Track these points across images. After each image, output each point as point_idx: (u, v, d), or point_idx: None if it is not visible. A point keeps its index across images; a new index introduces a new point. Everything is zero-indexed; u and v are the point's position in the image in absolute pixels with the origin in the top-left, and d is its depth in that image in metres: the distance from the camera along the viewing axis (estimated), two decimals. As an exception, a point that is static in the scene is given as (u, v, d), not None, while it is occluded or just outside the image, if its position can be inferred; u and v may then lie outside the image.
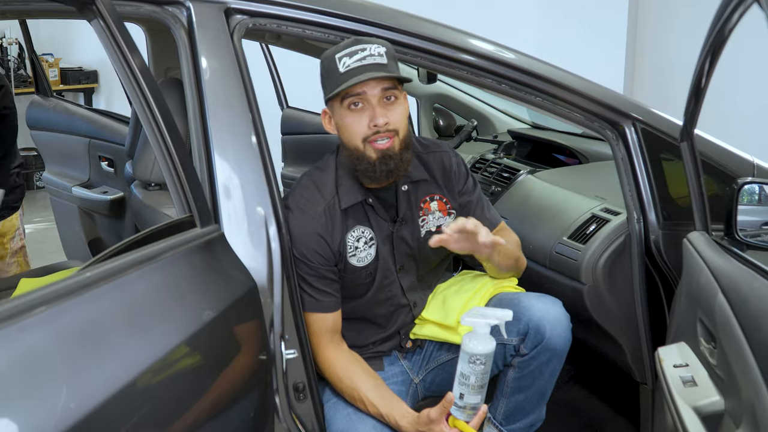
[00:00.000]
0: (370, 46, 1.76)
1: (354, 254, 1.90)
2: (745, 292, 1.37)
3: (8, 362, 1.00)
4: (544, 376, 1.90)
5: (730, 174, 2.03)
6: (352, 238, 1.89)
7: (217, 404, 1.38)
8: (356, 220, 1.90)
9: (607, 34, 4.79)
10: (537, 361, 1.87)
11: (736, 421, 1.34)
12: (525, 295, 1.94)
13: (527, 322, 1.85)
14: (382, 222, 1.92)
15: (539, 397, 1.94)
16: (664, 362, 1.62)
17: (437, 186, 1.98)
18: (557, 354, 1.87)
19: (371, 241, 1.91)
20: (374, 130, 1.78)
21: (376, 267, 1.93)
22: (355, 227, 1.89)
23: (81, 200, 3.46)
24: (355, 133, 1.80)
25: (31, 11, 1.70)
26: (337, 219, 1.87)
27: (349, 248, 1.89)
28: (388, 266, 1.94)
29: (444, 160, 1.99)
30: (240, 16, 1.79)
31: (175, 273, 1.40)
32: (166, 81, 2.25)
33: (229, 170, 1.70)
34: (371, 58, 1.75)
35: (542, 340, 1.84)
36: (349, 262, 1.89)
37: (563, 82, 2.05)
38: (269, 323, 1.66)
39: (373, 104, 1.77)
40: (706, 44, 1.60)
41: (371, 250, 1.91)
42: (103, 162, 3.37)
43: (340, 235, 1.88)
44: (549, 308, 1.87)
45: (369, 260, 1.92)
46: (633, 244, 2.09)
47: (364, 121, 1.78)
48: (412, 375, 2.03)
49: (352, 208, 1.89)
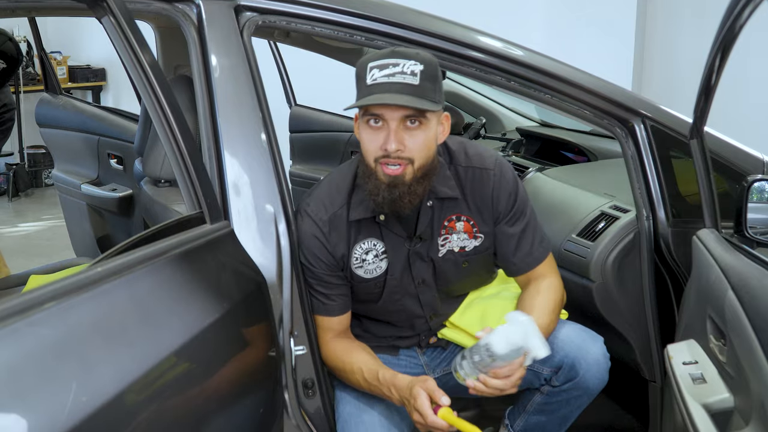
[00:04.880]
0: (404, 63, 1.62)
1: (361, 266, 1.82)
2: (755, 289, 1.36)
3: (19, 357, 1.00)
4: (570, 406, 1.86)
5: (739, 171, 2.02)
6: (360, 249, 1.81)
7: (226, 400, 1.39)
8: (368, 232, 1.80)
9: (615, 30, 4.78)
10: (566, 395, 1.83)
11: (745, 418, 1.34)
12: (566, 327, 1.85)
13: (563, 358, 1.79)
14: (396, 237, 1.81)
15: (561, 421, 1.90)
16: (673, 359, 1.62)
17: (467, 207, 1.83)
18: (589, 392, 1.82)
19: (383, 255, 1.82)
20: (384, 153, 1.66)
21: (384, 280, 1.84)
22: (365, 240, 1.81)
23: (90, 198, 3.47)
24: (368, 150, 1.69)
25: (42, 8, 1.71)
26: (342, 229, 1.78)
27: (355, 260, 1.81)
28: (403, 280, 1.85)
29: (483, 180, 1.82)
30: (250, 14, 1.79)
31: (185, 269, 1.40)
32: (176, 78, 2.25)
33: (238, 167, 1.71)
34: (401, 76, 1.61)
35: (575, 377, 1.79)
36: (355, 272, 1.82)
37: (572, 79, 2.04)
38: (278, 320, 1.67)
39: (391, 127, 1.64)
40: (717, 41, 1.59)
41: (382, 263, 1.82)
42: (112, 159, 3.39)
43: (346, 245, 1.79)
44: (588, 347, 1.79)
45: (378, 273, 1.83)
46: (642, 242, 2.08)
47: (379, 142, 1.66)
48: (428, 371, 1.97)
49: (365, 221, 1.80)
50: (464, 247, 1.85)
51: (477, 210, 1.83)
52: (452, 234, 1.83)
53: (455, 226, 1.83)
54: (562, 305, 1.89)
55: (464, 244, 1.85)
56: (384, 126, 1.65)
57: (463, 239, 1.84)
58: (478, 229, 1.84)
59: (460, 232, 1.83)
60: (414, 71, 1.62)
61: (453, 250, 1.85)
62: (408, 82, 1.62)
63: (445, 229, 1.83)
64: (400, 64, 1.62)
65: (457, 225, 1.83)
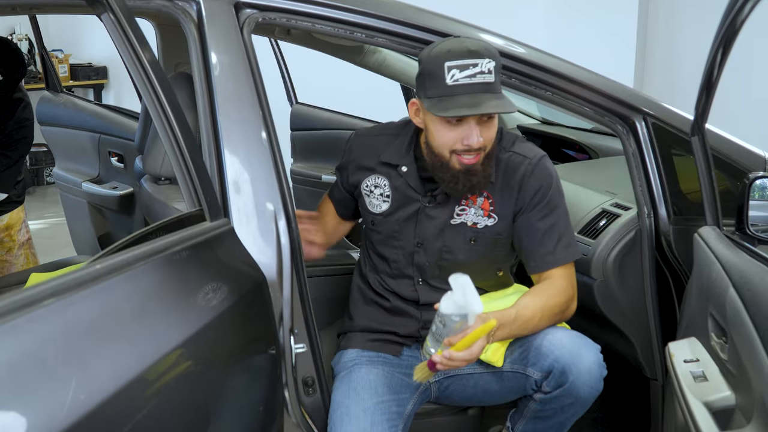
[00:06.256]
0: (481, 62, 1.70)
1: (368, 195, 1.98)
2: (756, 287, 1.36)
3: (18, 353, 1.00)
4: (564, 414, 1.83)
5: (741, 169, 2.02)
6: (372, 181, 1.97)
7: (226, 398, 1.39)
8: (386, 172, 1.95)
9: (617, 27, 4.77)
10: (559, 402, 1.80)
11: (747, 416, 1.33)
12: (561, 332, 1.83)
13: (553, 363, 1.76)
14: (410, 190, 1.92)
15: (559, 427, 1.88)
16: (674, 357, 1.61)
17: (492, 186, 1.88)
18: (581, 400, 1.79)
19: (386, 197, 1.95)
20: (466, 148, 1.76)
21: (381, 222, 1.96)
22: (380, 176, 1.96)
23: (91, 196, 3.47)
24: (444, 143, 1.78)
25: (42, 5, 1.71)
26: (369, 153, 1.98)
27: (365, 186, 1.98)
28: (403, 232, 1.94)
29: (518, 165, 1.88)
30: (250, 11, 1.79)
31: (185, 266, 1.40)
32: (176, 75, 2.25)
33: (238, 165, 1.70)
34: (481, 76, 1.70)
35: (565, 383, 1.76)
36: (363, 196, 1.99)
37: (573, 77, 2.04)
38: (278, 317, 1.67)
39: (471, 125, 1.74)
40: (718, 37, 1.58)
41: (383, 204, 1.96)
42: (113, 157, 3.39)
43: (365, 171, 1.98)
44: (581, 353, 1.76)
45: (378, 210, 1.97)
46: (643, 239, 2.08)
47: (458, 137, 1.75)
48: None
49: (389, 164, 1.95)
50: (477, 224, 1.90)
51: (500, 191, 1.89)
52: (470, 207, 1.90)
53: (476, 200, 1.89)
54: (563, 315, 1.87)
55: (477, 221, 1.90)
56: (462, 123, 1.74)
57: (478, 215, 1.90)
58: (494, 208, 1.89)
59: (478, 207, 1.89)
60: (490, 69, 1.71)
61: (466, 223, 1.90)
62: (488, 81, 1.71)
63: (467, 201, 1.89)
64: (479, 64, 1.70)
65: (478, 200, 1.89)
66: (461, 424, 2.04)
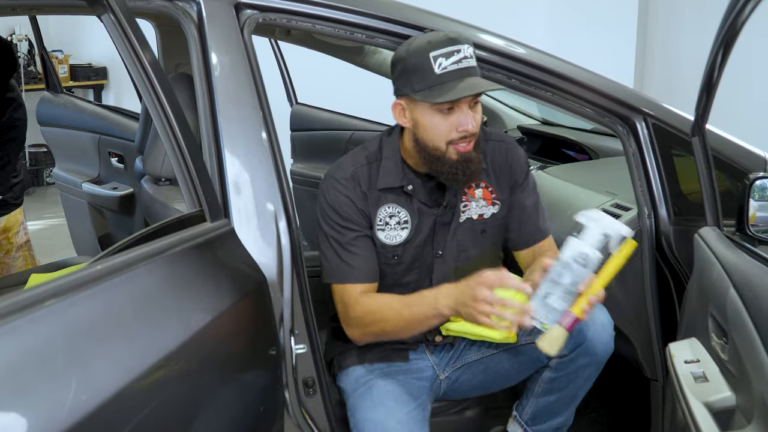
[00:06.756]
0: (462, 47, 1.72)
1: (383, 229, 1.86)
2: (757, 287, 1.36)
3: (19, 354, 1.00)
4: (579, 379, 1.87)
5: (741, 169, 2.02)
6: (385, 212, 1.86)
7: (226, 399, 1.39)
8: (395, 199, 1.87)
9: (617, 28, 4.77)
10: (575, 364, 1.84)
11: (747, 416, 1.33)
12: None
13: None
14: (423, 206, 1.88)
15: (570, 399, 1.91)
16: (675, 358, 1.61)
17: (486, 175, 1.92)
18: (596, 360, 1.84)
19: (405, 224, 1.87)
20: (462, 135, 1.75)
21: (403, 250, 1.88)
22: (391, 204, 1.86)
23: (91, 196, 3.47)
24: (441, 135, 1.77)
25: (42, 6, 1.71)
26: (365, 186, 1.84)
27: (379, 221, 1.86)
28: (424, 250, 1.89)
29: (501, 150, 1.94)
30: (250, 11, 1.79)
31: (185, 267, 1.40)
32: (176, 76, 2.25)
33: (239, 165, 1.70)
34: (466, 61, 1.72)
35: (583, 342, 1.81)
36: (377, 235, 1.86)
37: (573, 77, 2.04)
38: (279, 318, 1.67)
39: (464, 109, 1.74)
40: (718, 37, 1.58)
41: (402, 232, 1.87)
42: (113, 158, 3.39)
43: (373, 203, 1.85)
44: (594, 312, 1.79)
45: (398, 241, 1.87)
46: (644, 240, 2.08)
47: (452, 125, 1.75)
48: (438, 371, 1.98)
49: (392, 189, 1.86)
50: (482, 215, 1.92)
51: (495, 177, 1.93)
52: (471, 201, 1.91)
53: (474, 193, 1.91)
54: None
55: (483, 212, 1.92)
56: (456, 110, 1.75)
57: (482, 206, 1.92)
58: (496, 195, 1.93)
59: (479, 199, 1.92)
60: (471, 53, 1.74)
61: (472, 217, 1.91)
62: (472, 65, 1.74)
63: (466, 196, 1.91)
64: (462, 50, 1.72)
65: (476, 192, 1.91)
66: (462, 424, 2.04)
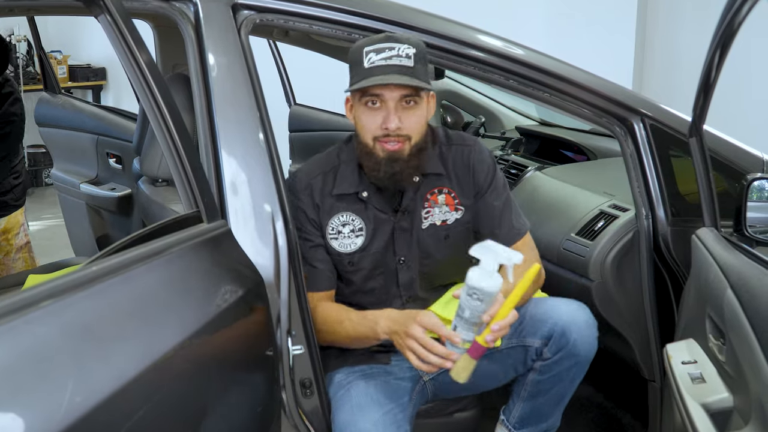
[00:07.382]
0: (399, 46, 1.73)
1: (336, 237, 1.89)
2: (754, 288, 1.36)
3: (15, 355, 1.00)
4: (564, 381, 1.87)
5: (739, 170, 2.02)
6: (338, 221, 1.89)
7: (223, 400, 1.38)
8: (349, 207, 1.89)
9: (615, 28, 4.77)
10: (559, 366, 1.84)
11: (744, 417, 1.33)
12: (551, 299, 1.90)
13: (552, 327, 1.81)
14: (379, 213, 1.89)
15: (557, 401, 1.91)
16: (672, 359, 1.61)
17: (449, 180, 1.93)
18: (581, 361, 1.84)
19: (359, 231, 1.90)
20: (385, 132, 1.77)
21: (359, 258, 1.90)
22: (344, 212, 1.89)
23: (89, 197, 3.47)
24: (368, 130, 1.80)
25: (40, 7, 1.71)
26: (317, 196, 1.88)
27: (331, 229, 1.89)
28: (385, 257, 1.91)
29: (464, 155, 1.93)
30: (247, 12, 1.79)
31: (182, 268, 1.40)
32: (173, 76, 2.25)
33: (236, 166, 1.70)
34: (397, 59, 1.73)
35: (566, 344, 1.81)
36: (330, 243, 1.89)
37: (571, 78, 2.04)
38: (276, 319, 1.66)
39: (389, 107, 1.76)
40: (715, 38, 1.58)
41: (357, 239, 1.90)
42: (111, 159, 3.38)
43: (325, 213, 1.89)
44: (576, 313, 1.83)
45: (352, 249, 1.90)
46: (641, 241, 2.08)
47: (378, 121, 1.77)
48: (422, 372, 1.96)
49: (347, 196, 1.89)
50: (446, 220, 1.92)
51: (458, 183, 1.93)
52: (434, 207, 1.92)
53: (437, 199, 1.92)
54: (540, 279, 1.89)
55: (446, 217, 1.93)
56: (382, 107, 1.77)
57: (444, 212, 1.92)
58: (459, 201, 1.93)
59: (442, 204, 1.92)
60: (408, 54, 1.74)
61: (435, 223, 1.92)
62: (404, 64, 1.73)
63: (428, 203, 1.91)
64: (396, 48, 1.73)
65: (438, 198, 1.92)
66: (459, 425, 2.04)
